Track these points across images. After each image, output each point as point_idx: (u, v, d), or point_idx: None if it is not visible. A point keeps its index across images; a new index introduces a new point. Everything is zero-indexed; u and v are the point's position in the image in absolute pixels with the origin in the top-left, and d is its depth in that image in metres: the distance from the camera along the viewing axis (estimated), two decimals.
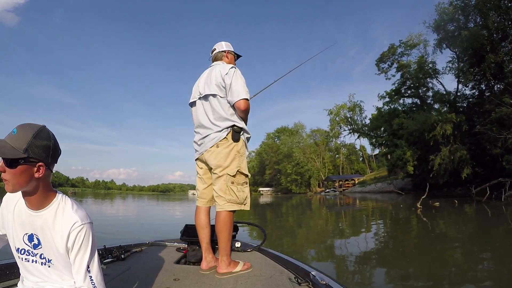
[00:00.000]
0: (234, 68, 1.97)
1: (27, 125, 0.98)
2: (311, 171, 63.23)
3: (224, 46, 2.18)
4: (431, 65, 28.84)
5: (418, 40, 29.35)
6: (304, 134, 70.72)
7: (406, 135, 26.19)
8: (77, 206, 1.06)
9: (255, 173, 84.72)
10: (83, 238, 1.02)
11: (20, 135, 0.94)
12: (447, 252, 4.88)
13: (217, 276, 1.77)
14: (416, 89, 30.69)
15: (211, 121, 1.95)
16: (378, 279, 3.59)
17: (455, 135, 22.87)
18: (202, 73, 2.14)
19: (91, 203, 21.63)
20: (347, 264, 4.31)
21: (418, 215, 10.70)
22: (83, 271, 1.03)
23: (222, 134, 1.90)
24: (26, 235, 1.04)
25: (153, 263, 2.00)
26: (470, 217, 10.37)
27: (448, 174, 22.86)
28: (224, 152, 1.88)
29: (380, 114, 34.18)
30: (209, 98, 1.98)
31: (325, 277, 1.51)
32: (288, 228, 8.63)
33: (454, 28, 24.36)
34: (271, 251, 2.21)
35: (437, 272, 3.64)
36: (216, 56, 2.16)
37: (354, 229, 8.28)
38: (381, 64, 33.22)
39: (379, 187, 41.10)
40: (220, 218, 1.87)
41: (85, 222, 1.03)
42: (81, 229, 1.02)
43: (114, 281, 1.61)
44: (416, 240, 6.32)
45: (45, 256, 1.05)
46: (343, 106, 39.24)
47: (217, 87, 1.94)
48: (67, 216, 1.03)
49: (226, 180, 1.87)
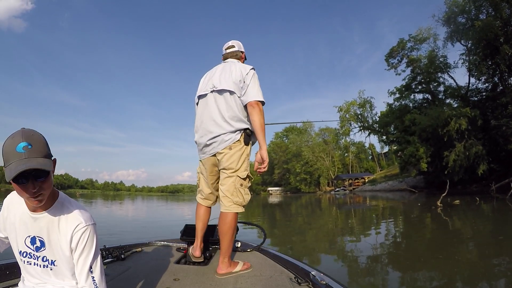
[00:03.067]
0: (253, 70, 1.93)
1: (27, 132, 0.93)
2: (320, 170, 62.70)
3: (242, 46, 2.15)
4: (442, 59, 28.20)
5: (427, 34, 28.79)
6: (312, 133, 70.26)
7: (418, 131, 25.58)
8: (80, 207, 1.07)
9: (263, 172, 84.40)
10: (87, 239, 1.03)
11: (37, 144, 0.91)
12: (485, 257, 4.29)
13: (217, 276, 1.76)
14: (427, 84, 30.07)
15: (225, 118, 1.85)
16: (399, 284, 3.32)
17: (470, 130, 22.20)
18: (215, 67, 2.06)
19: (98, 205, 21.85)
20: (365, 267, 4.03)
21: (439, 214, 10.05)
22: (86, 272, 1.04)
23: (235, 136, 1.84)
24: (29, 237, 1.04)
25: (153, 263, 1.99)
26: (498, 216, 9.58)
27: (463, 171, 22.20)
28: (237, 154, 1.84)
29: (391, 111, 33.58)
30: (224, 94, 1.88)
31: (325, 277, 1.50)
32: (297, 228, 8.45)
33: (465, 20, 23.73)
34: (271, 251, 2.20)
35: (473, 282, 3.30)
36: (234, 54, 2.09)
37: (371, 230, 7.67)
38: (391, 60, 32.73)
39: (390, 185, 40.33)
40: (226, 220, 1.82)
41: (89, 223, 1.04)
42: (85, 231, 1.03)
43: (114, 281, 1.61)
44: (443, 242, 5.59)
45: (48, 258, 1.05)
46: (353, 103, 38.71)
47: (235, 84, 1.86)
48: (71, 217, 1.03)
49: (235, 182, 1.83)
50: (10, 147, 0.88)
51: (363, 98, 38.14)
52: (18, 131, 0.92)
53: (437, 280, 3.38)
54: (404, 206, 15.30)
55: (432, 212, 10.60)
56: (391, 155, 68.12)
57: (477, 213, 10.40)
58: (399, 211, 12.64)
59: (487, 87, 25.27)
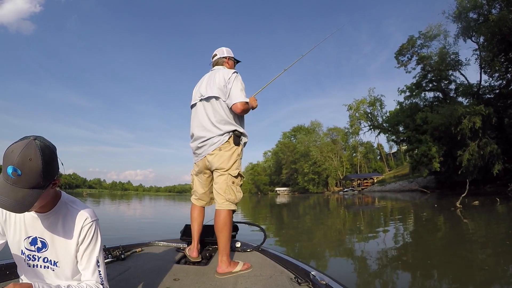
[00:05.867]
0: (236, 73, 2.05)
1: (26, 154, 0.82)
2: (328, 170, 62.20)
3: (225, 52, 2.25)
4: (454, 56, 27.49)
5: (437, 31, 28.06)
6: (321, 133, 69.79)
7: (430, 129, 25.03)
8: (83, 205, 1.09)
9: (271, 172, 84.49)
10: (92, 234, 1.05)
11: (28, 173, 0.83)
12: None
13: (217, 276, 1.77)
14: (438, 82, 29.41)
15: (213, 123, 1.99)
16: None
17: (484, 128, 21.56)
18: (203, 77, 2.21)
19: (105, 204, 22.03)
20: (384, 271, 3.75)
21: (459, 216, 9.28)
22: (92, 266, 1.05)
23: (224, 138, 1.97)
24: (30, 238, 1.03)
25: (153, 263, 1.99)
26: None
27: (477, 171, 21.58)
28: (226, 154, 1.95)
29: (401, 109, 32.96)
30: (211, 100, 2.03)
31: (325, 277, 1.50)
32: (305, 229, 8.26)
33: (477, 15, 23.12)
34: (271, 251, 2.21)
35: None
36: (217, 62, 2.24)
37: (388, 233, 6.91)
38: (400, 57, 32.15)
39: (400, 186, 39.65)
40: (220, 217, 1.89)
41: (94, 219, 1.06)
42: (91, 226, 1.05)
43: (114, 281, 1.61)
44: (473, 248, 4.93)
45: (50, 259, 1.04)
46: (363, 101, 38.15)
47: (220, 90, 2.00)
48: (76, 214, 1.04)
49: (227, 180, 1.94)
50: (5, 159, 0.83)
51: (373, 96, 37.58)
52: (22, 145, 0.83)
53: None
54: (418, 207, 14.67)
55: (452, 214, 9.93)
56: (400, 155, 67.17)
57: (500, 215, 9.80)
58: (415, 213, 11.85)
59: (501, 84, 24.54)
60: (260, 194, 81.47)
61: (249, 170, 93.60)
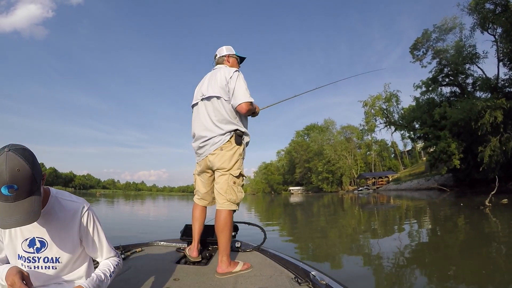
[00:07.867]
0: (237, 71, 2.02)
1: (12, 167, 0.82)
2: (342, 168, 61.20)
3: (225, 50, 2.24)
4: (470, 49, 26.42)
5: (453, 23, 27.12)
6: (334, 131, 68.82)
7: (449, 125, 24.09)
8: (73, 195, 1.11)
9: (285, 172, 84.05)
10: (93, 219, 1.10)
11: (22, 183, 0.84)
12: None
13: (217, 276, 1.77)
14: (455, 76, 28.37)
15: (214, 122, 1.98)
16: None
17: (506, 123, 20.60)
18: (204, 76, 2.20)
19: (120, 204, 22.49)
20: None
21: (490, 216, 8.49)
22: (106, 245, 1.14)
23: (225, 138, 1.95)
24: (27, 240, 1.02)
25: (153, 263, 2.00)
26: None
27: (499, 168, 20.66)
28: (228, 154, 1.94)
29: (418, 105, 32.01)
30: (212, 100, 2.01)
31: (325, 277, 1.50)
32: (319, 230, 8.06)
33: (495, 6, 22.15)
34: (271, 251, 2.20)
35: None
36: (218, 61, 2.24)
37: (420, 237, 6.21)
38: (416, 52, 31.28)
39: (416, 184, 38.37)
40: (220, 217, 1.89)
41: (88, 205, 1.10)
42: (89, 213, 1.09)
43: (114, 281, 1.60)
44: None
45: (51, 257, 1.04)
46: (378, 97, 37.34)
47: (221, 89, 1.98)
48: (71, 205, 1.06)
49: (228, 179, 1.93)
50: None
51: (389, 92, 36.66)
52: (2, 161, 0.81)
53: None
54: (441, 206, 13.83)
55: (482, 214, 9.03)
56: (415, 153, 65.28)
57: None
58: (440, 213, 10.92)
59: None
60: (274, 193, 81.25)
61: (263, 169, 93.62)
